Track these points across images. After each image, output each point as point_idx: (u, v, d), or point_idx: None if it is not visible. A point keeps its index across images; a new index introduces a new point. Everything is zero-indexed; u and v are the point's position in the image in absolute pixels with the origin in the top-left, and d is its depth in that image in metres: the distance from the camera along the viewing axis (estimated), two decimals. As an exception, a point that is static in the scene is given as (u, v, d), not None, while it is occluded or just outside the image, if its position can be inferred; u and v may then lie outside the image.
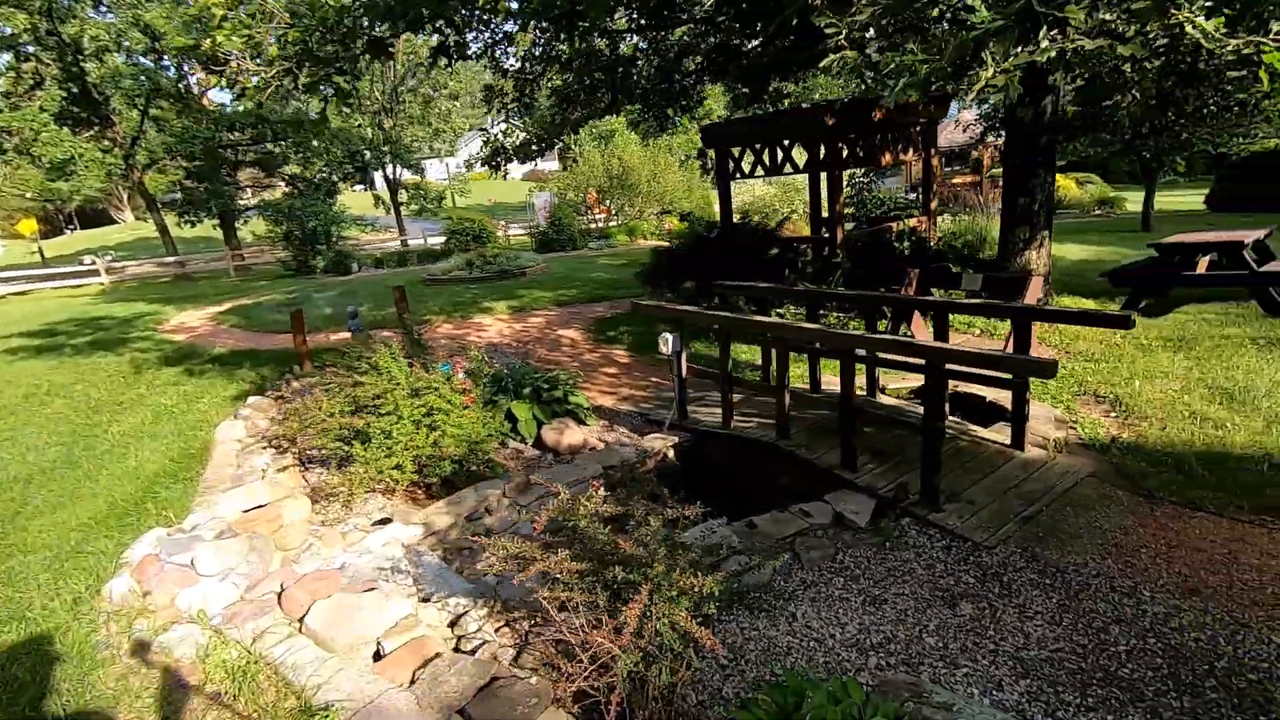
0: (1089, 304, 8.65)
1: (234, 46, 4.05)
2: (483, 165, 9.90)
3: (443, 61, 6.81)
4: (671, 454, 5.80)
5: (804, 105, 10.12)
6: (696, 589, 2.45)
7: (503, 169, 9.94)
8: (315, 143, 23.31)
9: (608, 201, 25.99)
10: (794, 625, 3.37)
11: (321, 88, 4.58)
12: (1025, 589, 3.52)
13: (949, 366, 4.01)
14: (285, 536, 3.81)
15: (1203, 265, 8.15)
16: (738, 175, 11.30)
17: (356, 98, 5.00)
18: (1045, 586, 3.53)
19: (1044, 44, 3.02)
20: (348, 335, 10.58)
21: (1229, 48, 3.24)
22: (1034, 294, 6.23)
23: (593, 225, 25.62)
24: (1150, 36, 3.39)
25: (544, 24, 7.12)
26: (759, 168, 10.93)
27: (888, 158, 10.29)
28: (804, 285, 9.75)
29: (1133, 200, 26.35)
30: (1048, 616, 3.30)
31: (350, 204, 25.90)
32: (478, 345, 9.80)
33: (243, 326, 12.01)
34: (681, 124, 12.12)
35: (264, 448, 5.73)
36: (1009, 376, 4.72)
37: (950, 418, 5.30)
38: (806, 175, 10.29)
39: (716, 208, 29.98)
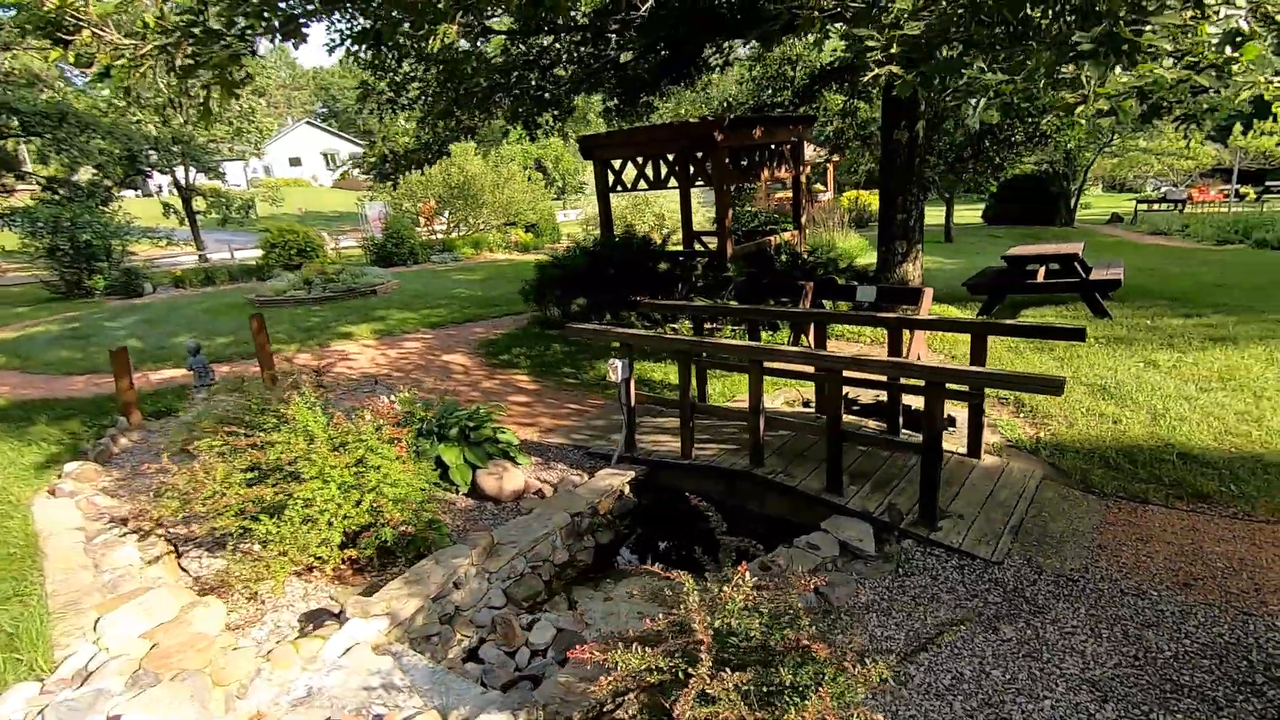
0: (956, 310, 9.51)
1: (102, 10, 2.95)
2: (369, 173, 8.68)
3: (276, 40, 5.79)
4: (628, 490, 5.36)
5: (691, 119, 10.13)
6: (866, 678, 2.10)
7: (394, 177, 8.80)
8: (84, 138, 19.49)
9: (446, 212, 24.54)
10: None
11: (201, 73, 3.57)
12: (1050, 603, 3.59)
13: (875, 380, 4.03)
14: (225, 666, 2.83)
15: (1042, 274, 9.30)
16: (618, 188, 11.06)
17: (241, 88, 4.01)
18: (1066, 598, 3.62)
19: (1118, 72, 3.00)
20: (179, 374, 8.81)
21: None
22: (927, 306, 6.62)
23: (434, 237, 24.03)
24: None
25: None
26: (642, 180, 10.77)
27: (766, 173, 10.62)
28: (700, 299, 9.73)
29: (932, 214, 30.13)
30: (1087, 630, 3.36)
31: (135, 213, 21.96)
32: (350, 378, 8.61)
33: (18, 368, 9.52)
34: (552, 132, 11.62)
35: (122, 534, 4.42)
36: (964, 388, 4.90)
37: (903, 430, 5.43)
38: (672, 188, 10.32)
39: (560, 219, 29.73)
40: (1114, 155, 25.91)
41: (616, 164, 10.86)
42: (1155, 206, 27.11)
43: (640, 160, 10.59)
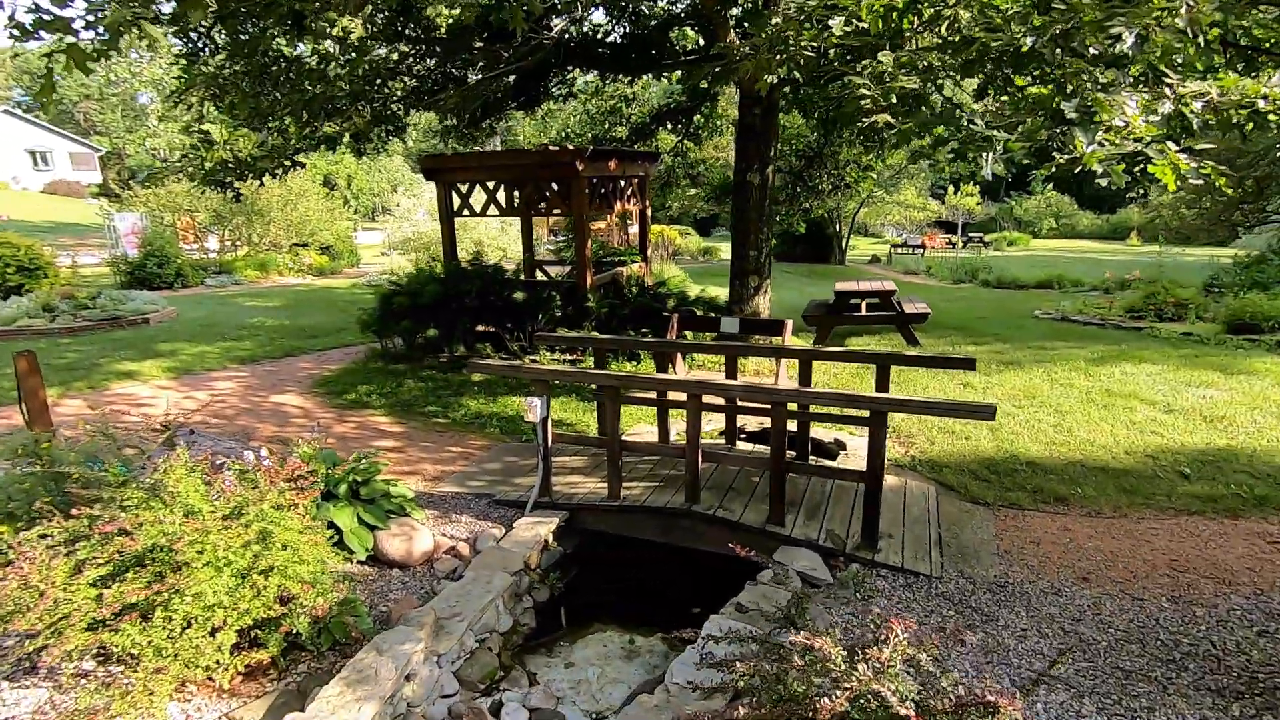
0: (798, 340, 10.32)
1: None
2: (200, 181, 7.09)
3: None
4: (552, 540, 4.96)
5: (551, 147, 9.91)
6: None
7: (231, 188, 7.28)
8: None
9: (224, 230, 21.33)
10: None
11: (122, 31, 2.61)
12: (995, 610, 3.95)
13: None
14: None
15: (864, 308, 10.50)
16: (464, 213, 10.46)
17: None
18: (1004, 603, 4.01)
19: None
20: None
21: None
22: (788, 336, 7.17)
23: (208, 257, 20.75)
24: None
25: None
26: (492, 206, 10.30)
27: (619, 205, 10.73)
28: (563, 330, 9.48)
29: (725, 250, 32.76)
30: (1034, 632, 3.74)
31: None
32: (150, 426, 7.00)
33: None
34: (386, 149, 10.68)
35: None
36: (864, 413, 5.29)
37: (809, 456, 5.70)
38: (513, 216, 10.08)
39: (358, 241, 27.39)
40: (867, 205, 30.35)
41: (464, 187, 10.27)
42: (901, 250, 32.22)
43: (491, 185, 10.13)
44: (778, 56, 4.27)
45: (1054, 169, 2.86)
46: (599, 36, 8.02)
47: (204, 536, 3.13)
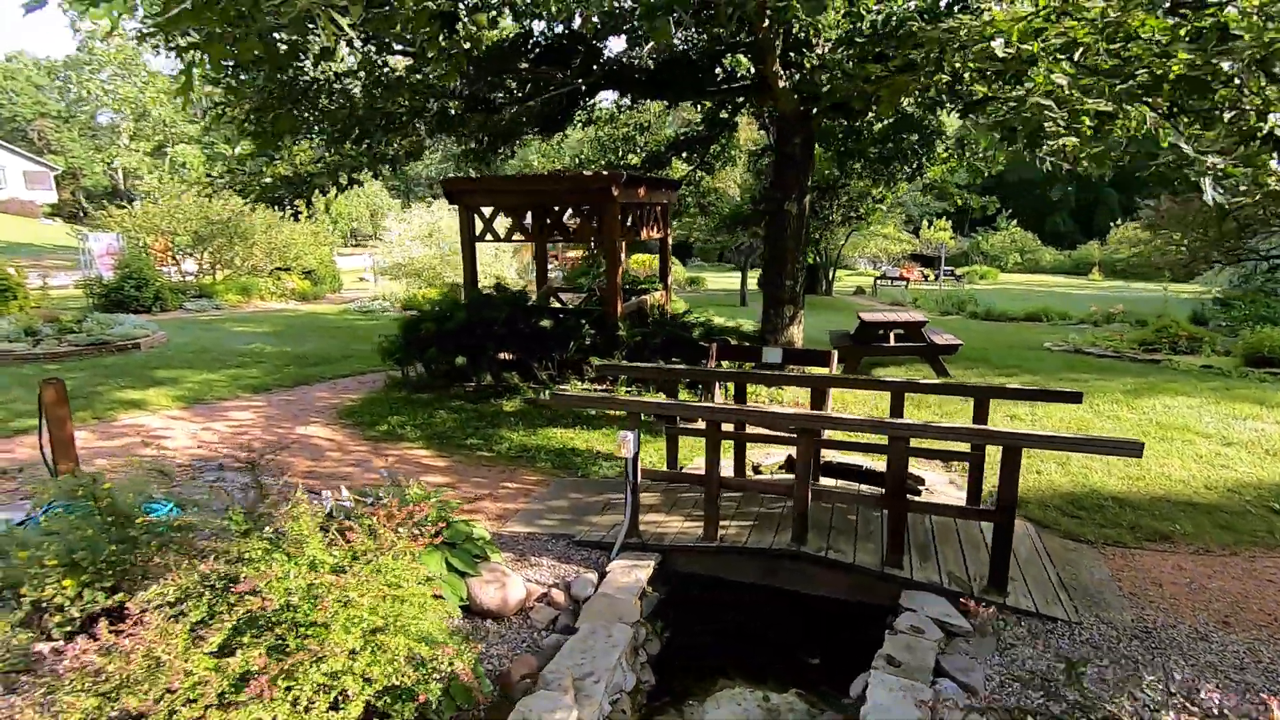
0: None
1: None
2: (254, 199, 6.61)
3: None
4: (649, 587, 4.62)
5: (585, 172, 9.70)
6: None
7: (290, 206, 6.81)
8: None
9: (204, 252, 20.46)
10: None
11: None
12: (1151, 658, 3.74)
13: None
14: None
15: (892, 338, 10.45)
16: (487, 237, 10.15)
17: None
18: (1157, 650, 3.81)
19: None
20: None
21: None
22: (834, 365, 7.03)
23: (185, 280, 19.87)
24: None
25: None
26: (518, 232, 10.01)
27: (645, 232, 10.55)
28: (597, 359, 9.17)
29: (711, 280, 32.91)
30: (1208, 683, 3.54)
31: None
32: (172, 460, 6.46)
33: None
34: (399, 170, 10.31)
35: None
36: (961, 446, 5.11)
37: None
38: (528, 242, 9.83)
39: (340, 266, 26.67)
40: (854, 236, 30.89)
41: (487, 211, 9.98)
42: (884, 282, 32.79)
43: (517, 209, 9.86)
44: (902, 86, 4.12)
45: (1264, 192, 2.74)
46: (648, 60, 7.88)
47: (343, 594, 2.74)
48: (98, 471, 4.08)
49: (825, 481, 5.92)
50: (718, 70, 8.36)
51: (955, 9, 4.35)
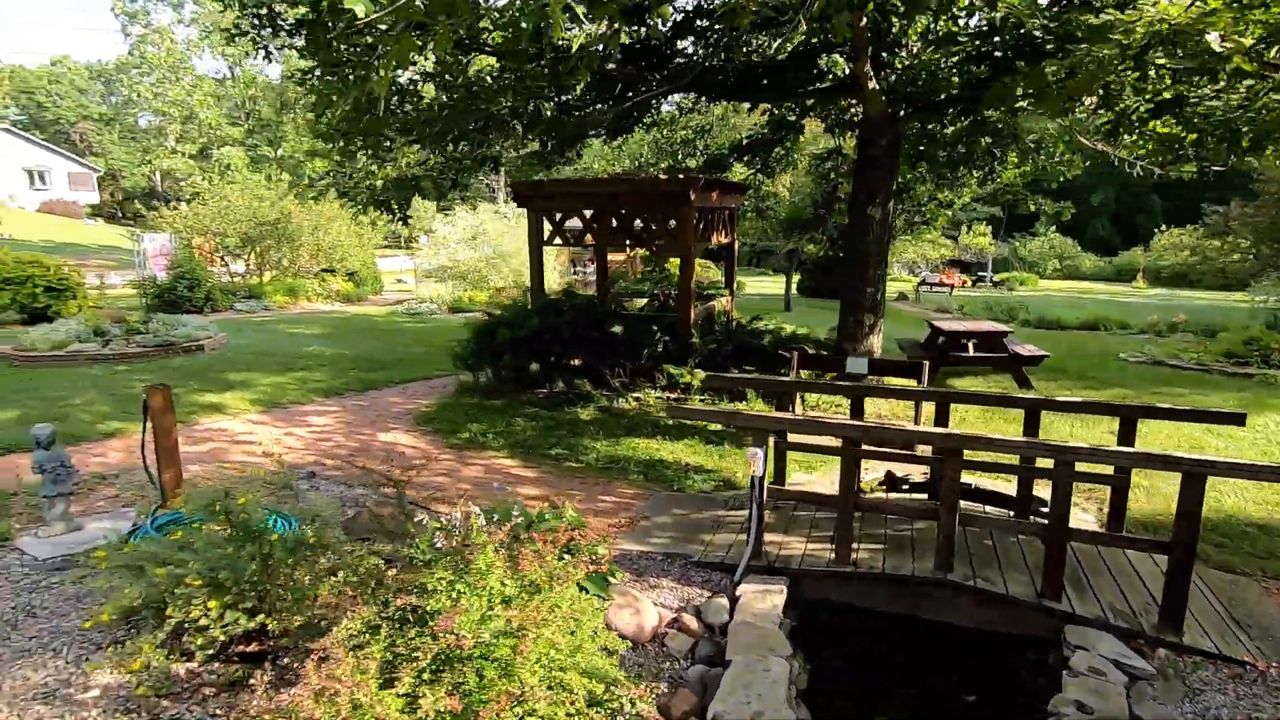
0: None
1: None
2: (365, 202, 6.55)
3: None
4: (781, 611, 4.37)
5: (661, 175, 9.51)
6: None
7: (400, 210, 6.72)
8: None
9: (251, 253, 20.61)
10: None
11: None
12: (1362, 709, 3.42)
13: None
14: None
15: (971, 347, 10.09)
16: (554, 241, 9.99)
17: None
18: (1366, 700, 3.49)
19: None
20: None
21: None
22: (926, 377, 6.72)
23: (235, 280, 20.02)
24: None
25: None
26: (589, 235, 9.84)
27: (714, 237, 10.32)
28: (671, 367, 8.96)
29: (751, 285, 32.52)
30: None
31: None
32: (264, 467, 6.33)
33: None
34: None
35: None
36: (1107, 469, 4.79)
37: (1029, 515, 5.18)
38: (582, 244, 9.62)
39: (382, 267, 26.78)
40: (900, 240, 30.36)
41: (558, 215, 9.82)
42: (924, 288, 32.21)
43: (588, 213, 9.68)
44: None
45: None
46: (744, 60, 7.65)
47: (539, 629, 2.53)
48: (224, 484, 3.94)
49: (907, 497, 5.64)
50: (811, 71, 8.09)
51: (1119, 6, 4.08)
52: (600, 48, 4.04)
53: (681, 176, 8.84)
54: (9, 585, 4.11)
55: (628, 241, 10.00)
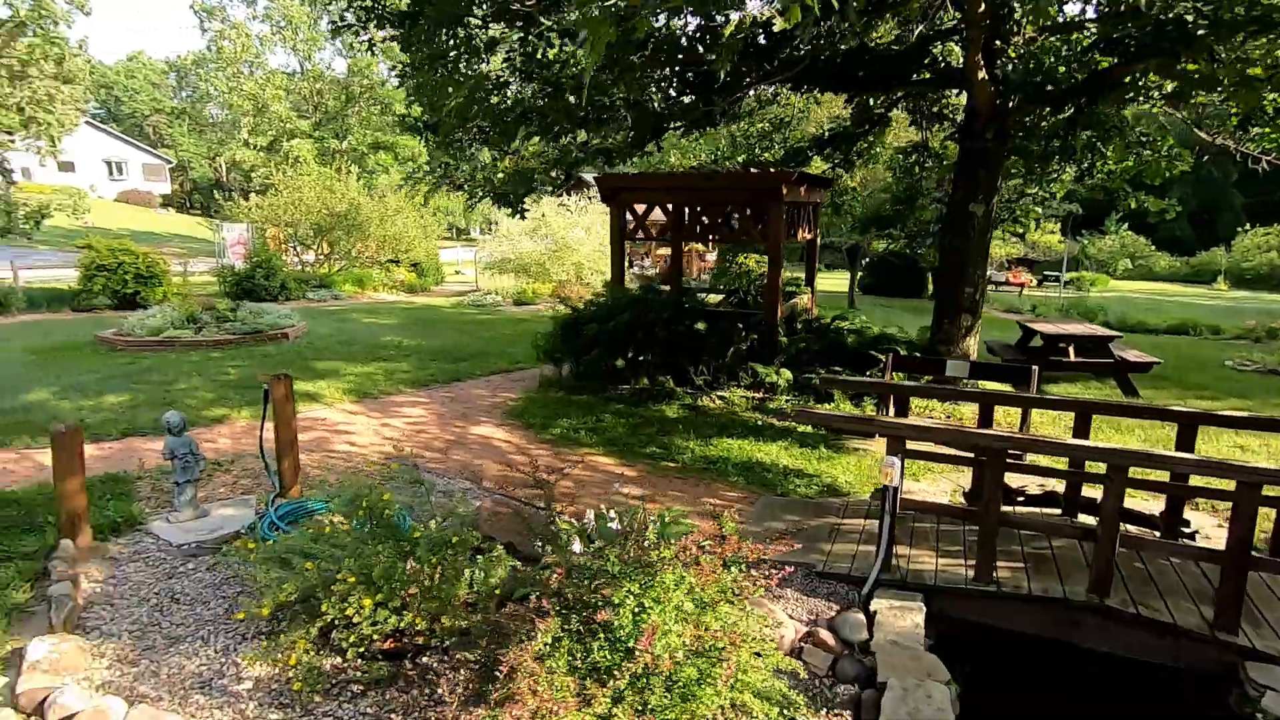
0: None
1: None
2: (485, 195, 6.59)
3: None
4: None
5: (753, 169, 9.30)
6: None
7: (518, 204, 6.74)
8: None
9: (322, 243, 21.11)
10: None
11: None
12: None
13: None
14: None
15: (1071, 352, 9.60)
16: (638, 235, 9.88)
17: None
18: None
19: None
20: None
21: None
22: (1035, 384, 6.34)
23: (307, 269, 20.54)
24: None
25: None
26: (668, 232, 9.69)
27: (799, 233, 10.06)
28: (758, 366, 8.77)
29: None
30: None
31: None
32: (369, 460, 6.39)
33: None
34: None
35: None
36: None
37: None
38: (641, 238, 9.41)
39: (444, 259, 27.17)
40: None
41: (640, 209, 9.69)
42: (992, 287, 31.16)
43: (671, 208, 9.52)
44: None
45: None
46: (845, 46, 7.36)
47: (733, 650, 2.40)
48: (369, 479, 3.92)
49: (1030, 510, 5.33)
50: (917, 61, 7.75)
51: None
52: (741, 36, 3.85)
53: (773, 171, 8.61)
54: (150, 570, 4.18)
55: (712, 237, 9.79)
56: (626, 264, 25.05)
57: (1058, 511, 5.18)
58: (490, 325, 14.63)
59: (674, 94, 7.59)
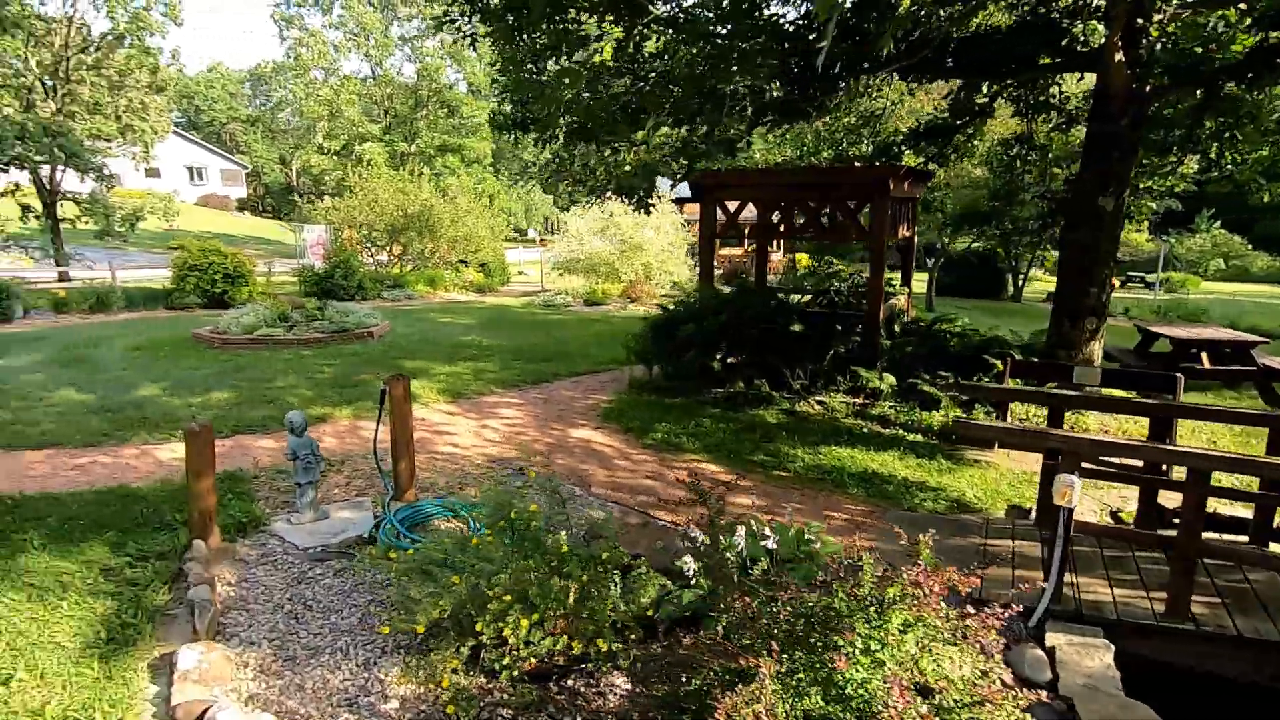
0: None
1: None
2: (609, 188, 6.50)
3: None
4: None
5: (857, 164, 8.89)
6: None
7: (641, 197, 6.65)
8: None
9: (397, 244, 21.49)
10: None
11: None
12: None
13: None
14: None
15: (1206, 359, 8.82)
16: (731, 234, 9.55)
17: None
18: None
19: None
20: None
21: None
22: (1181, 392, 5.70)
23: (380, 270, 20.92)
24: None
25: None
26: (764, 230, 9.33)
27: (900, 230, 9.55)
28: (862, 369, 8.32)
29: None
30: None
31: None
32: (474, 463, 6.27)
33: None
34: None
35: None
36: None
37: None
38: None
39: (510, 258, 27.38)
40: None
41: (732, 206, 9.36)
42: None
43: (768, 205, 9.15)
44: None
45: None
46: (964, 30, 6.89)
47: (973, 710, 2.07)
48: (509, 488, 3.72)
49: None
50: (1042, 42, 7.19)
51: None
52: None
53: (881, 165, 8.16)
54: (279, 575, 4.09)
55: (806, 235, 9.39)
56: (694, 262, 24.51)
57: (1245, 539, 4.63)
58: (564, 326, 14.52)
59: (773, 86, 7.23)
